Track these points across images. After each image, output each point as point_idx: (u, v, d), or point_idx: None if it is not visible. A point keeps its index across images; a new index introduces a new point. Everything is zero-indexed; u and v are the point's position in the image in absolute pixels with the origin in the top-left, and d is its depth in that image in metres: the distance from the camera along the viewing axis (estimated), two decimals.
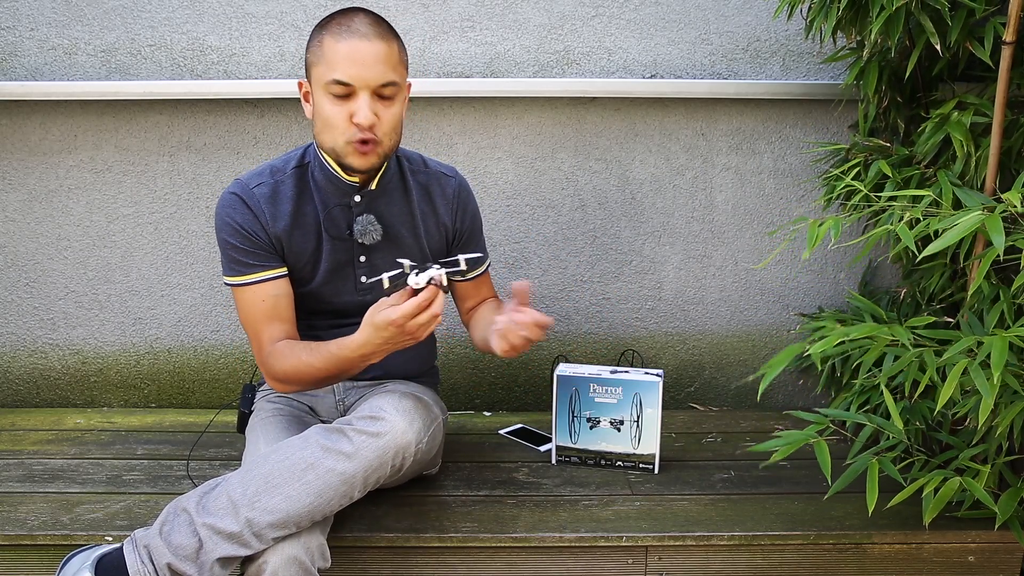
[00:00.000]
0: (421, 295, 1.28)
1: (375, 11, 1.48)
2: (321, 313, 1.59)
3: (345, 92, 1.37)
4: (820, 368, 1.34)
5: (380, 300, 1.32)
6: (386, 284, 1.32)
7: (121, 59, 1.99)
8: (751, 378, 2.17)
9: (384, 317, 1.28)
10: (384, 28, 1.39)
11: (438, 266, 1.30)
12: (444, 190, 1.60)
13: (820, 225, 1.32)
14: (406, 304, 1.27)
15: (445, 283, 1.30)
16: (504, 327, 1.37)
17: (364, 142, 1.39)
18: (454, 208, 1.61)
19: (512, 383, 2.19)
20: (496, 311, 1.56)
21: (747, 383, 2.20)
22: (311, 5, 1.98)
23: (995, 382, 1.16)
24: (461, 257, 1.34)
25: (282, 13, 1.99)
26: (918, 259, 1.23)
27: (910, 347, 1.24)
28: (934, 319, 1.36)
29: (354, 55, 1.35)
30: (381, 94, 1.39)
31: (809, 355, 1.46)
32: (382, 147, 1.43)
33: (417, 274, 1.29)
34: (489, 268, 1.73)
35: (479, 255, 1.53)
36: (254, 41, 2.00)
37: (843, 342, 1.33)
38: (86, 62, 1.99)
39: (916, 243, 1.25)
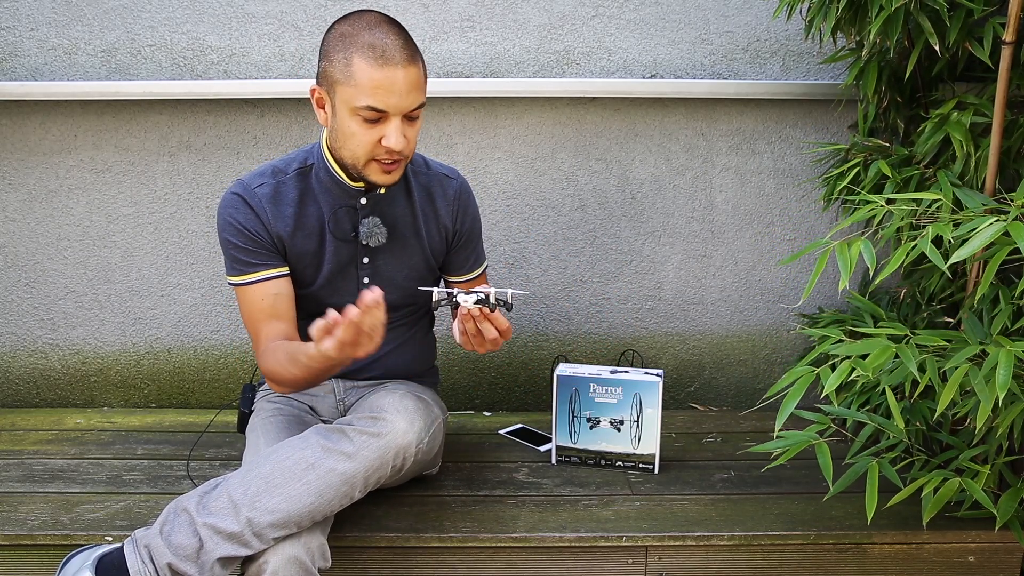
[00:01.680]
0: (321, 321, 1.21)
1: (393, 19, 1.44)
2: (322, 314, 1.58)
3: (377, 117, 1.36)
4: (833, 400, 1.32)
5: (315, 322, 1.25)
6: (435, 297, 1.34)
7: (121, 59, 1.99)
8: (769, 397, 2.16)
9: (321, 352, 1.23)
10: (412, 48, 1.37)
11: (482, 291, 1.33)
12: (445, 191, 1.60)
13: (850, 247, 1.28)
14: (328, 341, 1.21)
15: (492, 300, 1.32)
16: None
17: (391, 160, 1.40)
18: (454, 209, 1.61)
19: (512, 383, 2.19)
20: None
21: (749, 388, 2.20)
22: (311, 5, 1.98)
23: (999, 393, 1.16)
24: (509, 291, 1.36)
25: (282, 13, 1.99)
26: (943, 268, 1.21)
27: (915, 371, 1.23)
28: (947, 337, 1.35)
29: (392, 85, 1.33)
30: (410, 116, 1.39)
31: (809, 353, 1.47)
32: (406, 161, 1.44)
33: (467, 294, 1.32)
34: (486, 271, 1.73)
35: (526, 292, 1.52)
36: (254, 41, 2.00)
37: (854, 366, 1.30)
38: (86, 62, 1.99)
39: (939, 256, 1.23)
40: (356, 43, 1.34)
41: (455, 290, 1.34)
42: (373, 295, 1.18)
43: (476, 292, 1.32)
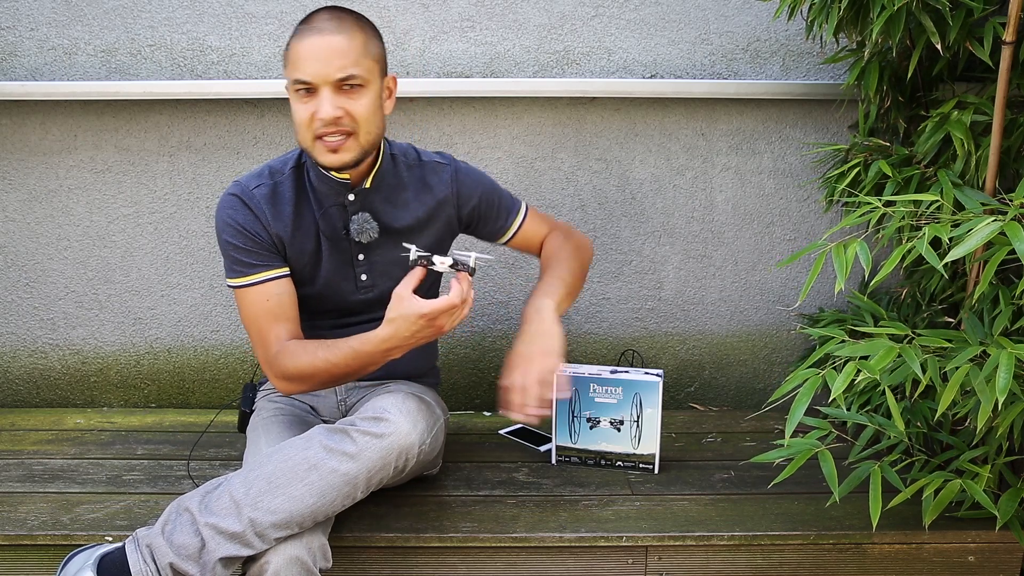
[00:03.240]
0: (454, 292, 1.29)
1: (364, 9, 1.47)
2: (323, 313, 1.59)
3: (307, 89, 1.37)
4: (841, 403, 1.32)
5: (396, 291, 1.32)
6: (412, 256, 1.33)
7: (121, 59, 1.99)
8: (774, 400, 2.15)
9: (413, 309, 1.29)
10: (347, 22, 1.38)
11: (462, 255, 1.32)
12: (441, 178, 1.59)
13: (846, 249, 1.27)
14: (440, 301, 1.29)
15: (472, 264, 1.31)
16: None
17: (331, 137, 1.38)
18: (455, 192, 1.59)
19: None
20: (561, 240, 1.65)
21: (749, 388, 2.20)
22: (311, 5, 1.98)
23: (1000, 396, 1.16)
24: (473, 254, 1.34)
25: (282, 13, 1.99)
26: (939, 268, 1.21)
27: (918, 372, 1.23)
28: (948, 337, 1.35)
29: (312, 52, 1.35)
30: (345, 87, 1.38)
31: (810, 353, 1.47)
32: (358, 141, 1.41)
33: (443, 256, 1.32)
34: (528, 212, 1.68)
35: (490, 257, 1.50)
36: (254, 41, 2.00)
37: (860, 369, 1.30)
38: (86, 62, 1.99)
39: (934, 256, 1.23)
40: (297, 27, 1.39)
41: (430, 254, 1.33)
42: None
43: (453, 254, 1.32)
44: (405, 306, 1.30)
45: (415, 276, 1.33)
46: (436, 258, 1.32)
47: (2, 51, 1.98)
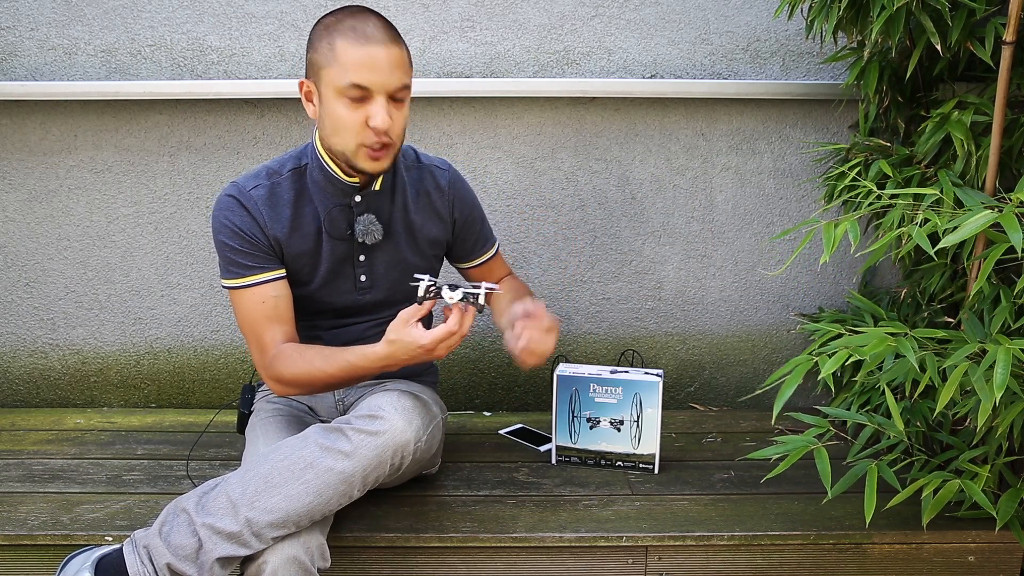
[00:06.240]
0: (452, 320, 1.31)
1: (375, 11, 1.48)
2: (321, 313, 1.59)
3: (361, 96, 1.37)
4: (831, 386, 1.33)
5: (401, 313, 1.34)
6: (421, 292, 1.35)
7: (121, 59, 1.99)
8: (759, 390, 2.16)
9: (413, 338, 1.32)
10: (394, 31, 1.40)
11: (471, 287, 1.34)
12: (439, 183, 1.60)
13: (836, 227, 1.29)
14: (439, 329, 1.31)
15: (482, 302, 1.33)
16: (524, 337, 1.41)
17: (379, 146, 1.40)
18: (450, 200, 1.61)
19: (512, 383, 2.19)
20: (514, 290, 1.67)
21: (749, 388, 2.20)
22: (311, 5, 1.98)
23: (996, 393, 1.16)
24: (484, 285, 1.35)
25: (282, 13, 1.99)
26: (931, 253, 1.21)
27: (914, 363, 1.23)
28: (944, 333, 1.34)
29: (372, 61, 1.35)
30: (395, 97, 1.40)
31: (809, 347, 1.46)
32: (394, 149, 1.44)
33: (452, 290, 1.33)
34: (499, 249, 1.75)
35: (499, 288, 1.48)
36: (254, 41, 2.00)
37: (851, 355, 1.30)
38: (86, 62, 1.99)
39: (926, 240, 1.23)
40: (339, 28, 1.37)
41: (440, 281, 1.34)
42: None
43: (463, 288, 1.33)
44: (405, 334, 1.33)
45: (424, 308, 1.35)
46: (445, 292, 1.33)
47: (2, 51, 1.98)
